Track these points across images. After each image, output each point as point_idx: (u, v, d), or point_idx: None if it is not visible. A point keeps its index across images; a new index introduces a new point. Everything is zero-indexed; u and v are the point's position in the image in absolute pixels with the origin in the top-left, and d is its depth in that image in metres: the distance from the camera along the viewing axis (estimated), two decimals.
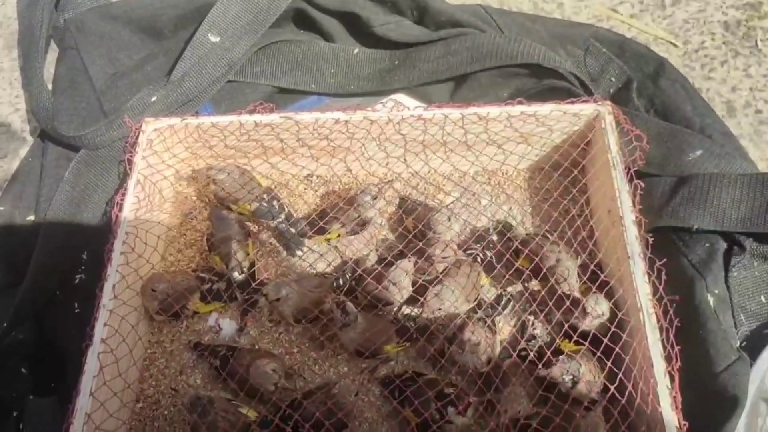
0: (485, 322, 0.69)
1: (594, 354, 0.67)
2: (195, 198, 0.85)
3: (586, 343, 0.67)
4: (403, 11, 0.94)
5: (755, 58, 0.94)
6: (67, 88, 0.89)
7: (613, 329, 0.66)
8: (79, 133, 0.81)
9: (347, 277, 0.74)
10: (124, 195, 0.74)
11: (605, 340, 0.66)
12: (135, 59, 0.95)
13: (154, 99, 0.84)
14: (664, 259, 0.66)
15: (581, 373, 0.65)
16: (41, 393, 0.73)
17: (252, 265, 0.77)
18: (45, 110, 0.83)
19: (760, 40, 0.96)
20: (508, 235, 0.76)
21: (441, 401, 0.63)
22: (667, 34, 0.98)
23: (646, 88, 0.86)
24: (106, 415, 0.64)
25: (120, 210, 0.73)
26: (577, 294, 0.69)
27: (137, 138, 0.78)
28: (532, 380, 0.68)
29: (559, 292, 0.69)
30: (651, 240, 0.68)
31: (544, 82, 0.85)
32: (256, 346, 0.74)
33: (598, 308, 0.66)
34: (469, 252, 0.75)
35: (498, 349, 0.69)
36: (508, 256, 0.73)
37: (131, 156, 0.77)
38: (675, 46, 0.97)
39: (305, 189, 0.84)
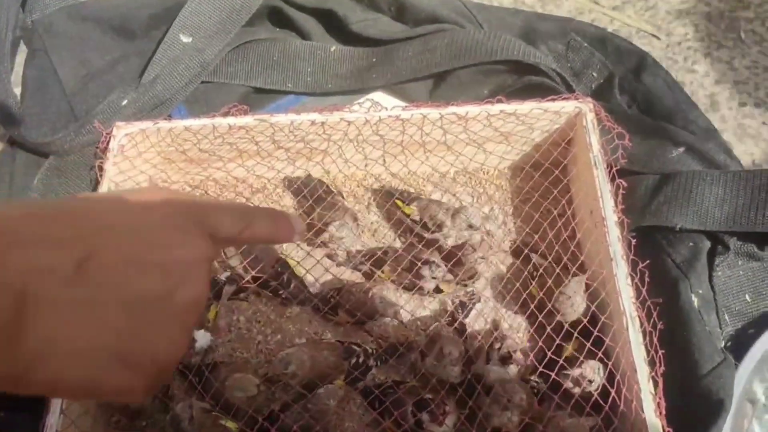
0: (457, 329, 0.68)
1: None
2: None
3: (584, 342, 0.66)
4: (381, 8, 0.92)
5: (739, 50, 0.93)
6: (36, 92, 0.86)
7: (596, 334, 0.65)
8: (47, 139, 0.79)
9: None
10: None
11: (588, 345, 0.65)
12: (107, 60, 0.92)
13: (125, 102, 0.81)
14: (648, 261, 0.65)
15: (602, 375, 0.63)
16: (14, 408, 0.71)
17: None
18: (11, 115, 0.81)
19: (743, 31, 0.95)
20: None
21: (420, 410, 0.62)
22: (650, 26, 0.97)
23: (629, 83, 0.84)
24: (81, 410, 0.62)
25: None
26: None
27: (108, 143, 0.76)
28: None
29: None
30: (634, 241, 0.67)
31: (524, 79, 0.83)
32: (233, 356, 0.72)
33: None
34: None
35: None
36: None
37: (102, 162, 0.75)
38: (657, 38, 0.96)
39: (282, 192, 0.82)
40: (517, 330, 0.72)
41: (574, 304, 0.67)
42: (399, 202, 0.78)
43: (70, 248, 0.32)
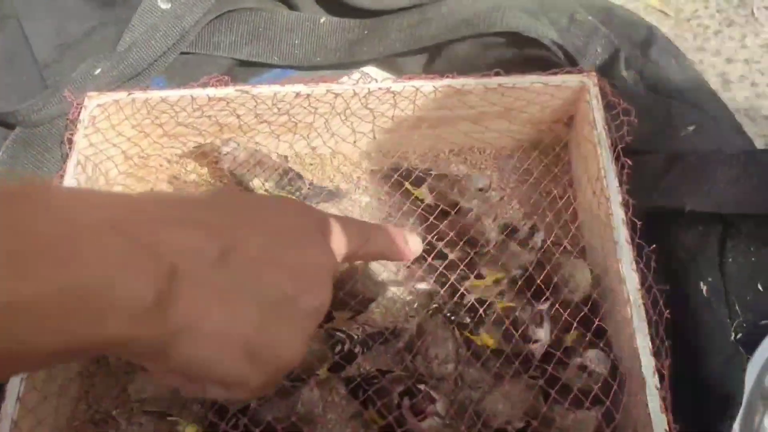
0: (448, 319, 0.63)
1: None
2: (149, 182, 0.78)
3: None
4: None
5: (751, 28, 0.88)
6: (6, 62, 0.81)
7: (597, 323, 0.60)
8: (11, 108, 0.74)
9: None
10: (62, 178, 0.67)
11: (589, 335, 0.60)
12: (83, 28, 0.87)
13: (98, 71, 0.76)
14: (654, 245, 0.60)
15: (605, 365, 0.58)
16: None
17: None
18: None
19: (756, 8, 0.90)
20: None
21: (408, 399, 0.58)
22: (658, 1, 0.92)
23: (635, 58, 0.79)
24: (35, 422, 0.57)
25: None
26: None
27: (79, 114, 0.71)
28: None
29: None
30: (639, 224, 0.62)
31: (525, 53, 0.78)
32: None
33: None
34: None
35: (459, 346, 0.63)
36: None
37: (72, 134, 0.70)
38: (666, 14, 0.91)
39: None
40: None
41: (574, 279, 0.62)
42: (409, 186, 0.72)
43: (216, 235, 0.34)
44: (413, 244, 0.48)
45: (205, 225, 0.34)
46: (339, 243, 0.41)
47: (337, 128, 0.74)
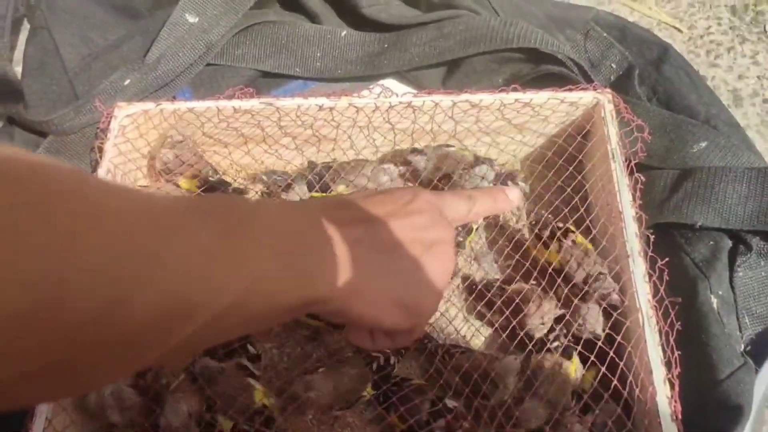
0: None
1: (583, 356, 0.63)
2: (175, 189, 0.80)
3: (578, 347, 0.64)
4: None
5: (764, 45, 0.90)
6: (36, 70, 0.84)
7: (607, 332, 0.62)
8: (45, 117, 0.76)
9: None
10: None
11: (599, 343, 0.62)
12: (110, 39, 0.89)
13: (127, 82, 0.79)
14: (666, 258, 0.62)
15: None
16: None
17: None
18: (10, 93, 0.79)
19: None
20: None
21: (437, 413, 0.60)
22: (672, 18, 0.94)
23: (649, 75, 0.81)
24: (69, 421, 0.60)
25: None
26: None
27: (109, 124, 0.73)
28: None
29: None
30: (652, 237, 0.64)
31: (541, 68, 0.80)
32: None
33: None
34: None
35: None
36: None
37: (102, 143, 0.72)
38: (679, 31, 0.92)
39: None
40: None
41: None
42: None
43: (362, 227, 0.46)
44: (513, 196, 0.59)
45: (350, 221, 0.46)
46: (453, 214, 0.51)
47: (357, 141, 0.76)
